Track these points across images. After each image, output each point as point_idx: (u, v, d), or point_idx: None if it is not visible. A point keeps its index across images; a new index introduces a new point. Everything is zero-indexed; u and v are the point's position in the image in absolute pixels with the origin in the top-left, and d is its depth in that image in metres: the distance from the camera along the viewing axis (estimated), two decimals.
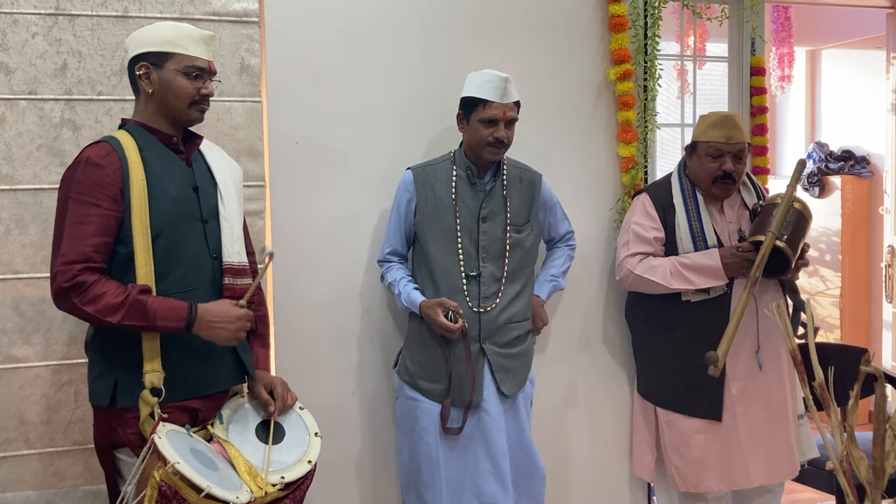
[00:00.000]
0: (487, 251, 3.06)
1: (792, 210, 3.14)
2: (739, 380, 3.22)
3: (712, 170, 3.21)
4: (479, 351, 3.04)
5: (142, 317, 2.21)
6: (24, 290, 2.77)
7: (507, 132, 3.02)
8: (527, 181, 3.18)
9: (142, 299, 2.21)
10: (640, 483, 3.73)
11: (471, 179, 3.08)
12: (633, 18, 3.60)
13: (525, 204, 3.15)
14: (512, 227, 3.10)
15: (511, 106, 3.02)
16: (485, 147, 3.01)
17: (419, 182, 3.08)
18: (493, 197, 3.09)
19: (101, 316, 2.19)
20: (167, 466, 2.10)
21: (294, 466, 2.36)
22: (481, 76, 3.02)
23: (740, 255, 3.12)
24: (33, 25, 2.78)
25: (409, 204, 3.10)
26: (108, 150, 2.30)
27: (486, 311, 3.03)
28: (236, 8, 2.97)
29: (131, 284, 2.23)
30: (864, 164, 6.12)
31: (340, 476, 3.29)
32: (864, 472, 1.57)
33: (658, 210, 3.30)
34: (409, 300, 3.04)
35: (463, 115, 3.06)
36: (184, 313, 2.25)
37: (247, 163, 2.98)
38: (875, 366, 1.56)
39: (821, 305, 6.13)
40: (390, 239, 3.15)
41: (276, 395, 2.49)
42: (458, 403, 3.02)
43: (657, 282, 3.21)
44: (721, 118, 3.22)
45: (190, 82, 2.37)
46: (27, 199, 2.77)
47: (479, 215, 3.06)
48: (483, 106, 2.98)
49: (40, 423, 2.79)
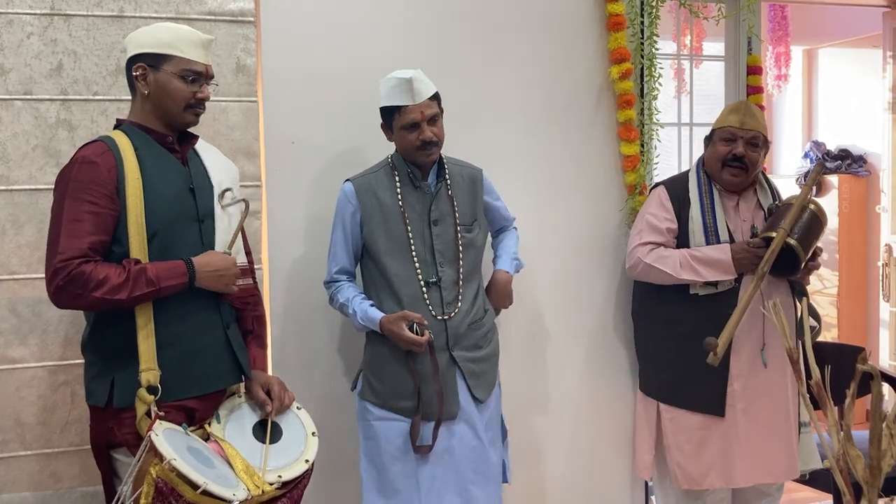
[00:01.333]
0: (443, 255, 2.94)
1: (808, 211, 3.15)
2: (742, 376, 3.22)
3: (723, 153, 3.23)
4: (448, 360, 2.93)
5: (147, 284, 2.24)
6: (20, 290, 2.76)
7: (434, 129, 2.88)
8: (468, 178, 3.08)
9: (141, 268, 2.24)
10: (638, 482, 3.72)
11: (414, 183, 2.96)
12: (631, 18, 3.59)
13: (470, 201, 3.05)
14: (462, 228, 2.99)
15: (427, 103, 2.87)
16: (416, 152, 2.90)
17: (362, 193, 2.94)
18: (440, 198, 2.97)
19: (109, 296, 2.20)
20: (164, 463, 2.10)
21: (291, 465, 2.36)
22: (388, 83, 2.89)
23: (751, 251, 3.12)
24: (28, 25, 2.77)
25: (353, 217, 2.93)
26: (104, 149, 2.30)
27: (450, 318, 2.92)
28: (232, 8, 2.97)
29: (125, 260, 2.24)
30: (861, 163, 6.12)
31: (337, 475, 3.28)
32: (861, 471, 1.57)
33: (673, 202, 3.31)
34: (366, 318, 2.87)
35: (385, 124, 2.95)
36: (183, 268, 2.30)
37: (243, 163, 2.98)
38: (872, 364, 1.56)
39: (818, 304, 6.14)
40: (337, 258, 2.98)
41: (273, 394, 2.49)
42: (430, 418, 2.90)
43: (666, 271, 3.21)
44: (737, 104, 3.32)
45: (186, 86, 2.37)
46: (23, 199, 2.77)
47: (430, 219, 2.95)
48: (399, 113, 2.86)
49: (37, 424, 2.78)
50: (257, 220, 3.02)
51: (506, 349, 3.45)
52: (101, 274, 2.20)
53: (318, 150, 3.25)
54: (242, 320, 2.58)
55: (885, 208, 5.14)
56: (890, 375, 3.74)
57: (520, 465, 3.49)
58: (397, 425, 2.89)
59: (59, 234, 2.22)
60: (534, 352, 3.55)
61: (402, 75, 2.86)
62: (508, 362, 3.45)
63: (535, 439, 3.51)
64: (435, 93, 2.92)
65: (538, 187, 3.53)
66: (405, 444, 2.88)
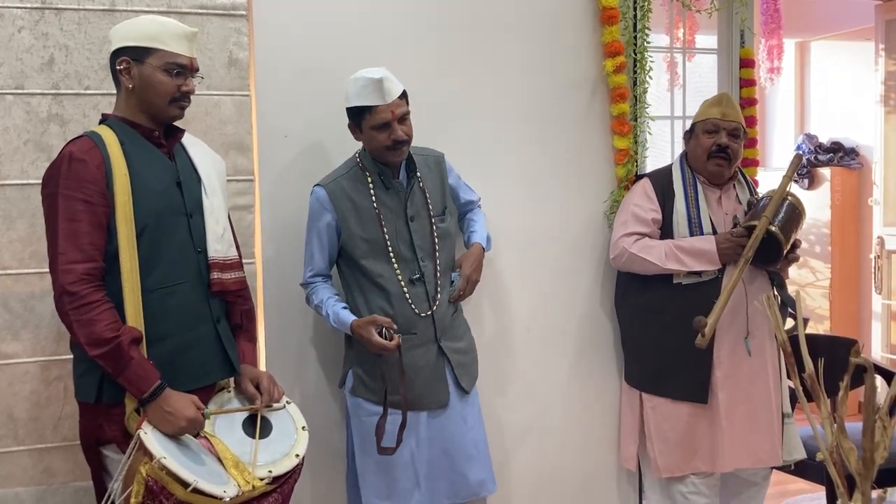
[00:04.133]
0: (423, 249, 2.96)
1: (787, 202, 3.21)
2: (724, 364, 3.25)
3: (708, 145, 3.29)
4: (438, 352, 2.97)
5: (115, 365, 2.19)
6: (12, 286, 2.75)
7: (404, 128, 2.86)
8: (433, 165, 3.07)
9: (125, 352, 2.18)
10: (629, 475, 3.73)
11: (386, 183, 2.95)
12: (624, 11, 3.59)
13: (439, 189, 3.05)
14: (436, 219, 3.00)
15: (397, 102, 2.84)
16: (386, 152, 2.88)
17: (335, 197, 2.91)
18: (413, 194, 2.97)
19: (83, 342, 2.18)
20: (153, 461, 2.09)
21: (281, 460, 2.35)
22: (356, 83, 2.85)
23: (735, 240, 3.17)
24: (19, 20, 2.75)
25: (328, 224, 2.92)
26: (90, 145, 2.28)
27: (435, 310, 2.95)
28: (224, 1, 2.95)
29: (126, 327, 2.21)
30: (854, 156, 6.14)
31: (328, 470, 3.28)
32: (854, 463, 1.57)
33: (658, 194, 3.35)
34: (338, 321, 2.88)
35: (354, 125, 2.93)
36: (147, 387, 2.20)
37: (235, 157, 2.97)
38: (864, 357, 1.56)
39: (810, 297, 6.15)
40: (313, 262, 2.97)
41: (262, 389, 2.48)
42: (426, 407, 2.96)
43: (651, 261, 3.24)
44: (718, 97, 3.40)
45: (170, 79, 2.35)
46: (14, 194, 2.75)
47: (407, 216, 2.95)
48: (369, 113, 2.83)
49: (29, 419, 2.78)
50: (250, 214, 3.01)
51: (494, 342, 3.46)
52: (96, 314, 2.17)
53: (310, 143, 3.24)
54: (232, 315, 2.56)
55: (878, 201, 5.16)
56: (882, 367, 3.76)
57: (508, 458, 3.49)
58: (392, 419, 2.90)
59: (58, 235, 2.20)
60: (524, 344, 3.55)
61: (371, 75, 2.82)
62: (497, 355, 3.46)
63: (524, 432, 3.52)
64: (403, 91, 2.89)
65: (531, 181, 3.53)
66: (405, 436, 2.89)
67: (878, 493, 1.58)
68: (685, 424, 3.28)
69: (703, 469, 3.29)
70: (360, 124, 2.88)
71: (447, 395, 2.98)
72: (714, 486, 3.36)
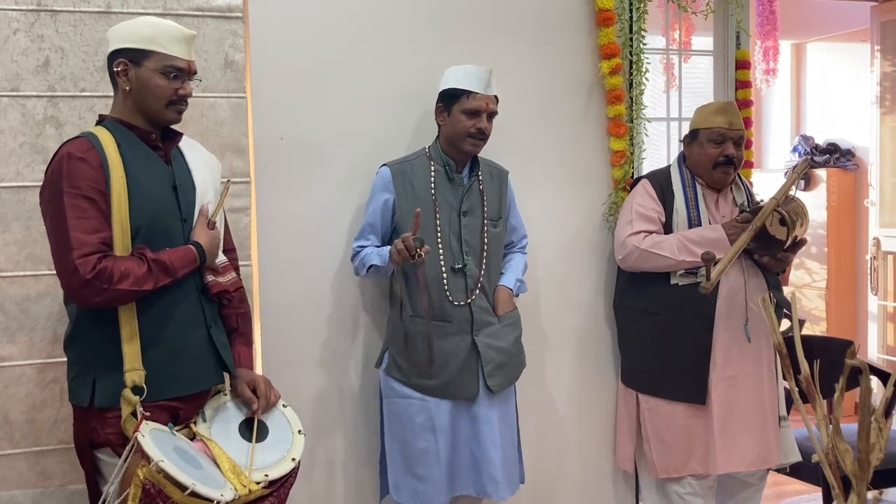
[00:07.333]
0: (469, 244, 3.05)
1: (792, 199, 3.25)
2: (720, 365, 3.25)
3: (714, 155, 3.30)
4: (471, 345, 3.03)
5: (166, 272, 2.27)
6: (7, 288, 2.75)
7: (488, 125, 3.03)
8: (497, 176, 3.20)
9: (158, 258, 2.26)
10: (625, 476, 3.74)
11: (449, 175, 3.07)
12: (619, 13, 3.60)
13: (497, 198, 3.17)
14: (489, 222, 3.11)
15: (493, 99, 3.03)
16: (466, 138, 3.00)
17: (397, 178, 3.05)
18: (471, 192, 3.09)
19: (137, 287, 2.21)
20: (151, 465, 2.09)
21: (278, 464, 2.34)
22: (464, 68, 3.03)
23: (741, 226, 3.18)
24: (15, 22, 2.75)
25: (387, 201, 3.05)
26: (88, 145, 2.27)
27: (472, 302, 3.03)
28: (220, 3, 2.95)
29: (136, 249, 2.25)
30: (850, 157, 6.15)
31: (324, 473, 3.28)
32: (850, 465, 1.57)
33: (658, 194, 3.37)
34: (381, 256, 2.95)
35: (443, 107, 3.04)
36: (193, 255, 2.34)
37: (231, 159, 2.96)
38: (860, 358, 1.56)
39: (806, 298, 6.16)
40: (365, 234, 3.08)
41: (258, 392, 2.46)
42: (453, 397, 3.01)
43: (664, 255, 3.25)
44: (724, 105, 3.38)
45: (168, 82, 2.34)
46: (10, 196, 2.75)
47: (461, 209, 3.06)
48: (466, 97, 2.99)
49: (25, 422, 2.77)
50: (246, 216, 3.01)
51: None
52: (123, 267, 2.19)
53: (307, 145, 3.24)
54: (227, 318, 2.55)
55: (874, 202, 5.17)
56: (878, 369, 3.76)
57: None
58: (419, 404, 2.99)
59: (68, 231, 2.19)
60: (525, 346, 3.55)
61: (480, 66, 3.02)
62: None
63: (521, 432, 3.51)
64: (497, 95, 3.07)
65: (528, 182, 3.53)
66: (427, 422, 2.99)
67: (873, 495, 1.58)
68: (682, 425, 3.29)
69: (700, 471, 3.29)
70: (451, 107, 3.01)
71: (475, 390, 3.03)
72: (711, 487, 3.36)
